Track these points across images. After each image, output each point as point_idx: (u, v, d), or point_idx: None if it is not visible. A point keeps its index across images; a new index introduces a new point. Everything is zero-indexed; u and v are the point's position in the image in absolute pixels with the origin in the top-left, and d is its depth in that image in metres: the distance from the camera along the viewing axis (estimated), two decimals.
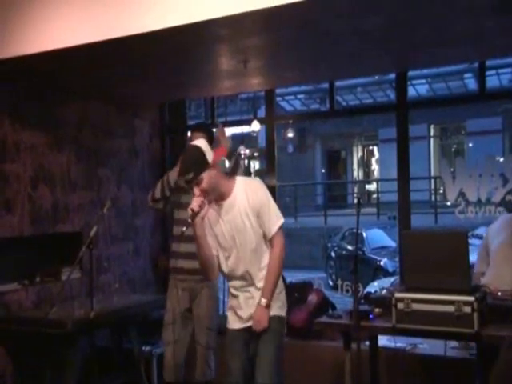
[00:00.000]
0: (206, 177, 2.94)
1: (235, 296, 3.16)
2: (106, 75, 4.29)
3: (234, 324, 3.17)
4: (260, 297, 3.05)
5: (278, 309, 3.13)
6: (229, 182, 3.09)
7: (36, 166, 4.56)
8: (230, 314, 3.22)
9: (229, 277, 3.17)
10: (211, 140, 3.98)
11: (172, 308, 3.94)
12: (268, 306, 3.04)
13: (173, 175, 3.92)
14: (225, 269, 3.14)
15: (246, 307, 3.11)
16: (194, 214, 2.90)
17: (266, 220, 3.05)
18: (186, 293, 3.93)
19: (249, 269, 3.07)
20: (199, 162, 2.96)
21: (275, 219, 3.08)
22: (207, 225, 3.06)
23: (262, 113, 6.01)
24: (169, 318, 3.94)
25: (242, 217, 3.03)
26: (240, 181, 3.12)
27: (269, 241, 3.09)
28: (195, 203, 2.92)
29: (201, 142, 3.10)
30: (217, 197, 3.04)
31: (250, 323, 3.08)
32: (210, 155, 3.02)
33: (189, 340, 3.98)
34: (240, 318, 3.13)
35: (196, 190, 2.96)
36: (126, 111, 5.47)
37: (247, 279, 3.10)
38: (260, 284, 3.08)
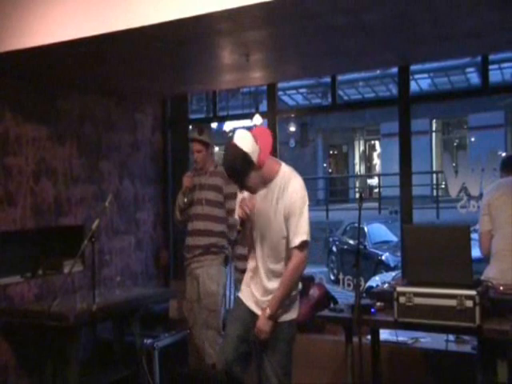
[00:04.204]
0: (252, 181, 2.86)
1: (251, 269, 3.10)
2: (105, 69, 4.27)
3: (245, 298, 3.11)
4: (267, 305, 2.96)
5: (291, 313, 3.04)
6: (271, 168, 2.95)
7: (38, 160, 4.56)
8: (244, 283, 3.17)
9: (249, 246, 3.11)
10: (209, 144, 4.28)
11: (188, 296, 4.34)
12: (271, 318, 2.94)
13: (179, 199, 4.32)
14: (250, 238, 3.09)
15: (255, 289, 3.06)
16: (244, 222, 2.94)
17: (292, 229, 2.92)
18: (193, 279, 4.26)
19: (266, 252, 2.99)
20: (242, 170, 2.80)
21: (301, 232, 2.90)
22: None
23: (263, 107, 6.00)
24: (186, 305, 4.41)
25: (274, 209, 2.94)
26: (284, 171, 2.97)
27: (289, 249, 2.95)
28: (241, 213, 2.92)
29: (244, 141, 2.81)
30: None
31: (256, 310, 3.03)
32: (255, 153, 2.81)
33: None
34: (252, 295, 3.07)
35: (240, 196, 2.94)
36: (127, 105, 5.46)
37: (262, 261, 3.02)
38: (272, 269, 2.99)
